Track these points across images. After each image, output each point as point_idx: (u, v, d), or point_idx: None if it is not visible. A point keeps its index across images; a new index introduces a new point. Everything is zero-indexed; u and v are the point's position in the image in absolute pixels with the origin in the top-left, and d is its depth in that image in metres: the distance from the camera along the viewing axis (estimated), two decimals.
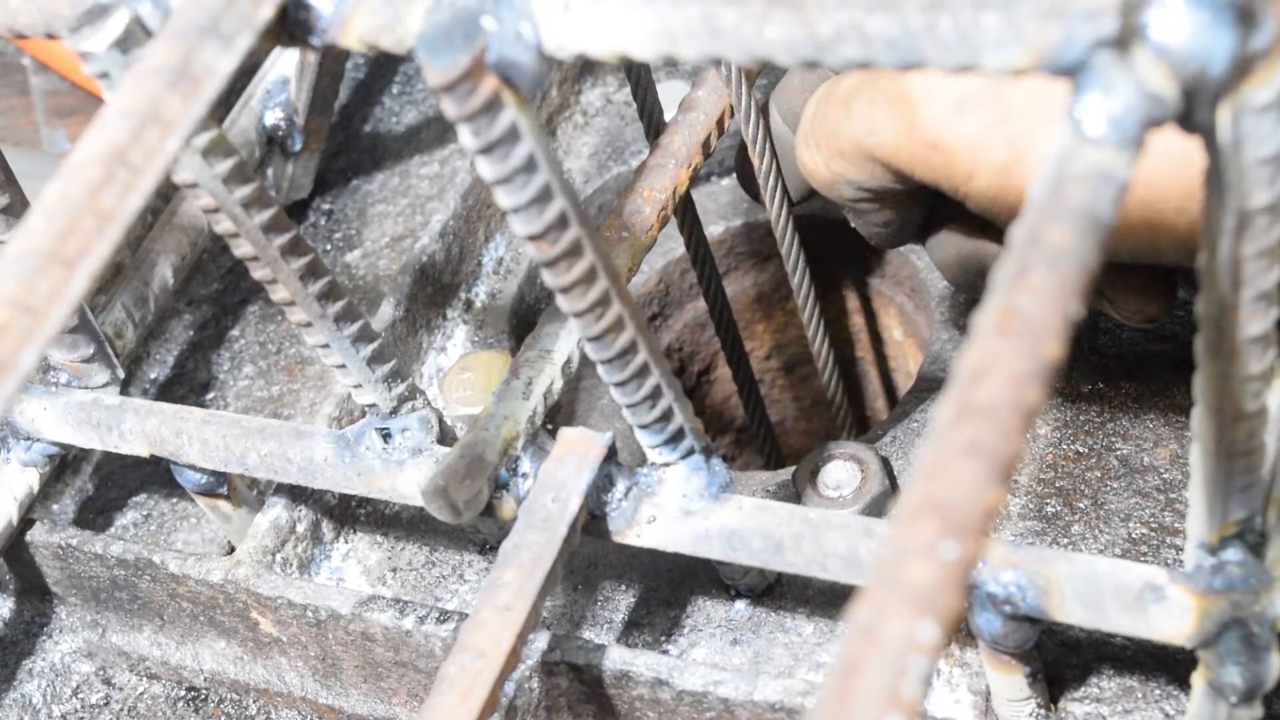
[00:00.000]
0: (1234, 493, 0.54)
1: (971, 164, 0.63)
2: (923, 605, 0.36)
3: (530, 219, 0.51)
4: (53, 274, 0.42)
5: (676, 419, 0.61)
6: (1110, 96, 0.40)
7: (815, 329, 0.86)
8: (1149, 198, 0.60)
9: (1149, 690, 0.67)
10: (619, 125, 0.97)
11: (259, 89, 0.91)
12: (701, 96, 0.77)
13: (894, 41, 0.42)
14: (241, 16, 0.48)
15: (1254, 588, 0.56)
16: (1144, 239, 0.62)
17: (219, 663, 0.77)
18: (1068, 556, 0.58)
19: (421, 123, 0.97)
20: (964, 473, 0.37)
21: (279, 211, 0.60)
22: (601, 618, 0.75)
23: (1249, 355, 0.49)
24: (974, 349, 0.38)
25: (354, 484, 0.70)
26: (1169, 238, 0.62)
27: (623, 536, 0.64)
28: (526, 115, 0.48)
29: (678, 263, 0.98)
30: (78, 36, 0.52)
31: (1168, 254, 0.63)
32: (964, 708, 0.68)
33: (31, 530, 0.77)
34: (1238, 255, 0.46)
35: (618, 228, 0.73)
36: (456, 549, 0.79)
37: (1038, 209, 0.40)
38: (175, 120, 0.45)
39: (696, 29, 0.45)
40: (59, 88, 1.14)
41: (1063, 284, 0.39)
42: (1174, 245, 0.62)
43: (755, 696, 0.64)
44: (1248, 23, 0.40)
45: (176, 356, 0.90)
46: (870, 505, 0.74)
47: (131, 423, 0.72)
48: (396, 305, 0.84)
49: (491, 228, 0.91)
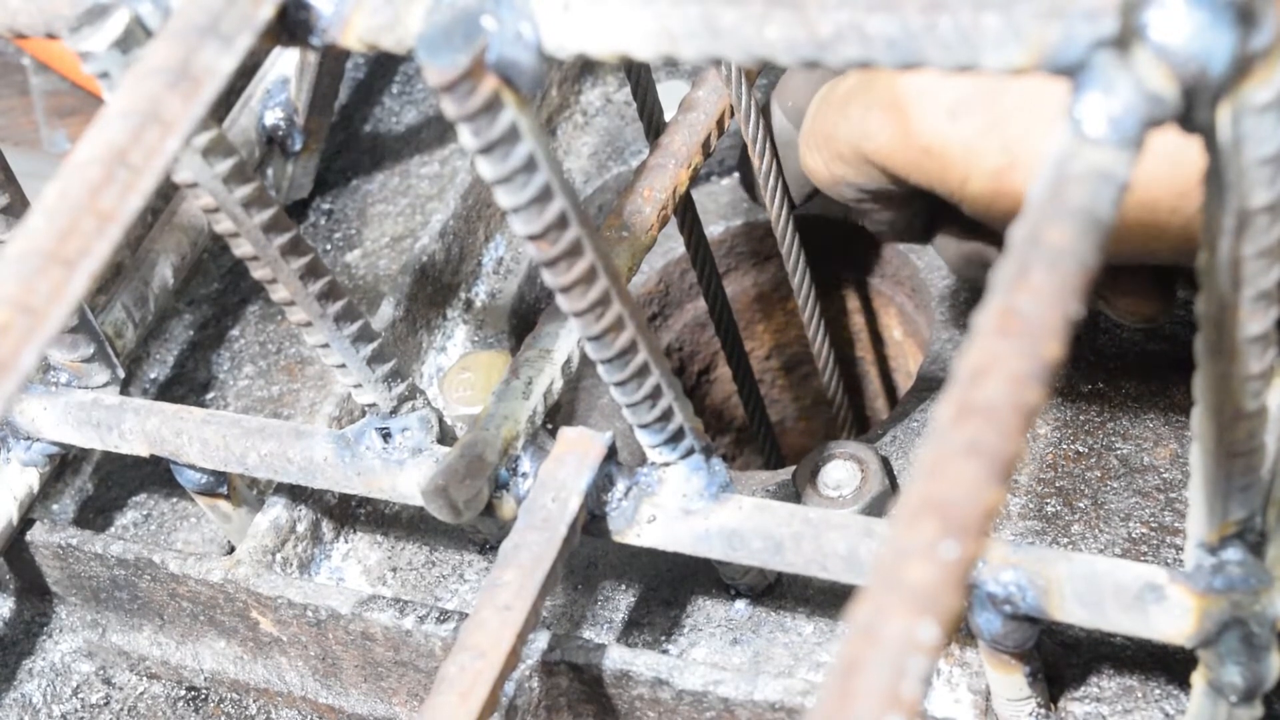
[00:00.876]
0: (1234, 492, 0.54)
1: (965, 169, 0.63)
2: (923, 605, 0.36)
3: (530, 219, 0.51)
4: (53, 274, 0.42)
5: (676, 419, 0.61)
6: (1110, 96, 0.40)
7: (815, 329, 0.86)
8: (1142, 199, 0.60)
9: (1149, 690, 0.67)
10: (619, 125, 0.97)
11: (259, 89, 0.91)
12: (701, 96, 0.77)
13: (894, 41, 0.42)
14: (241, 16, 0.48)
15: (1254, 587, 0.56)
16: (1137, 240, 0.62)
17: (219, 662, 0.77)
18: (1068, 556, 0.58)
19: (421, 123, 0.97)
20: (964, 473, 0.37)
21: (279, 211, 0.60)
22: (601, 617, 0.75)
23: (1249, 355, 0.49)
24: (974, 349, 0.38)
25: (354, 484, 0.70)
26: (1162, 239, 0.62)
27: (623, 536, 0.64)
28: (526, 115, 0.48)
29: (678, 263, 0.98)
30: (78, 36, 0.52)
31: (1161, 255, 0.63)
32: (964, 707, 0.68)
33: (31, 530, 0.77)
34: (1238, 255, 0.46)
35: (618, 228, 0.73)
36: (456, 549, 0.79)
37: (1038, 209, 0.40)
38: (175, 120, 0.45)
39: (696, 29, 0.45)
40: (59, 88, 1.14)
41: (1063, 284, 0.39)
42: (1167, 246, 0.62)
43: (755, 696, 0.64)
44: (1248, 23, 0.40)
45: (176, 356, 0.90)
46: (870, 505, 0.74)
47: (131, 422, 0.72)
48: (396, 305, 0.84)
49: (491, 228, 0.91)
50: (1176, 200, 0.60)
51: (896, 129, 0.64)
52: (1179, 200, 0.60)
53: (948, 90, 0.63)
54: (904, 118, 0.64)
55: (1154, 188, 0.60)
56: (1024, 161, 0.62)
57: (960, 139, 0.63)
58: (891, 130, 0.64)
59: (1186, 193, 0.60)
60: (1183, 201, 0.60)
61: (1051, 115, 0.44)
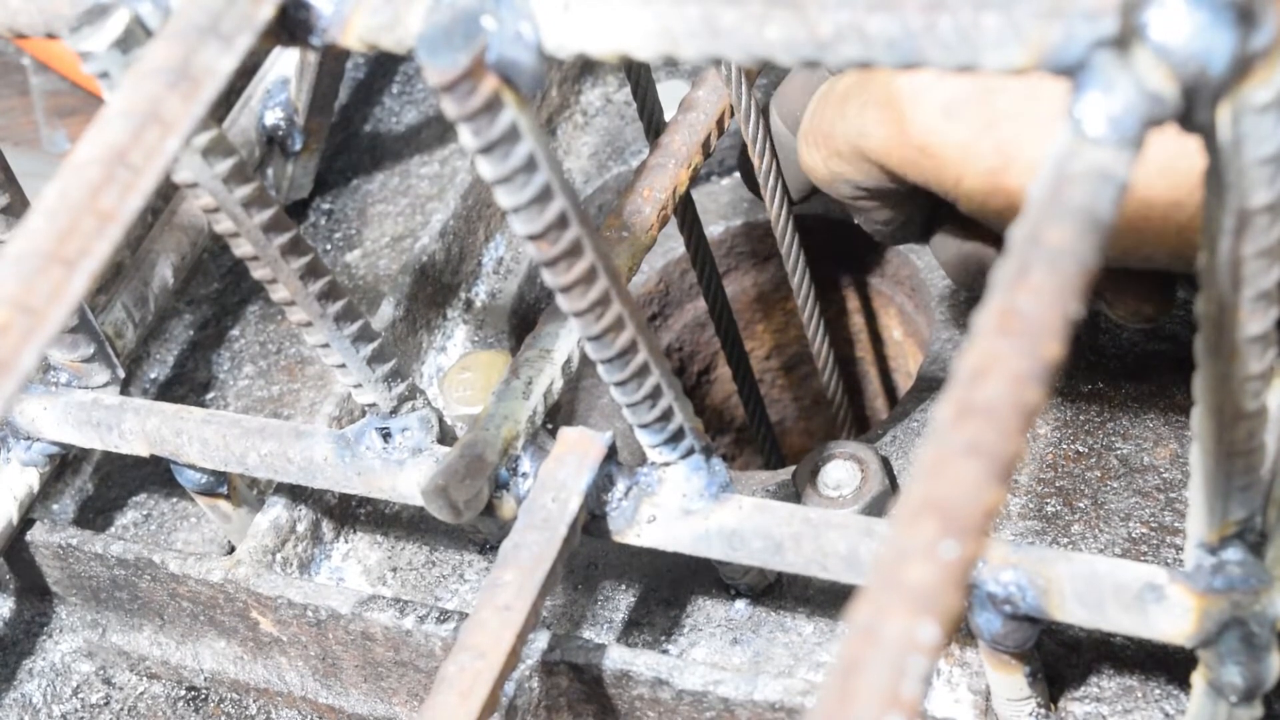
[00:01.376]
0: (1234, 492, 0.54)
1: (960, 168, 0.63)
2: (923, 605, 0.36)
3: (530, 219, 0.51)
4: (53, 274, 0.42)
5: (676, 419, 0.61)
6: (1110, 96, 0.40)
7: (815, 329, 0.86)
8: (1136, 202, 0.60)
9: (1149, 690, 0.67)
10: (619, 125, 0.97)
11: (259, 89, 0.91)
12: (701, 96, 0.77)
13: (894, 41, 0.42)
14: (241, 16, 0.48)
15: (1254, 587, 0.56)
16: (1131, 243, 0.62)
17: (219, 662, 0.77)
18: (1068, 556, 0.58)
19: (421, 123, 0.97)
20: (964, 473, 0.37)
21: (279, 211, 0.60)
22: (601, 617, 0.75)
23: (1249, 355, 0.49)
24: (974, 349, 0.38)
25: (354, 484, 0.70)
26: (1157, 242, 0.62)
27: (623, 536, 0.64)
28: (526, 115, 0.48)
29: (678, 263, 0.98)
30: (78, 36, 0.52)
31: (1157, 259, 0.63)
32: (964, 707, 0.68)
33: (31, 530, 0.77)
34: (1238, 255, 0.46)
35: (618, 228, 0.73)
36: (456, 549, 0.79)
37: (1037, 209, 0.40)
38: (175, 120, 0.45)
39: (696, 29, 0.45)
40: (59, 88, 1.14)
41: (1063, 284, 0.39)
42: (1163, 250, 0.62)
43: (755, 696, 0.64)
44: (1248, 22, 0.40)
45: (176, 356, 0.90)
46: (870, 505, 0.74)
47: (131, 422, 0.72)
48: (396, 305, 0.84)
49: (491, 228, 0.91)
50: (1169, 207, 0.60)
51: (893, 127, 0.64)
52: (1171, 206, 0.60)
53: (943, 89, 0.63)
54: (900, 116, 0.64)
55: (1148, 192, 0.60)
56: (1018, 162, 0.62)
57: (955, 138, 0.63)
58: (888, 128, 0.65)
59: (1179, 199, 0.60)
60: (1175, 208, 0.60)
61: (1046, 118, 0.43)
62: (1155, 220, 0.61)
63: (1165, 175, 0.58)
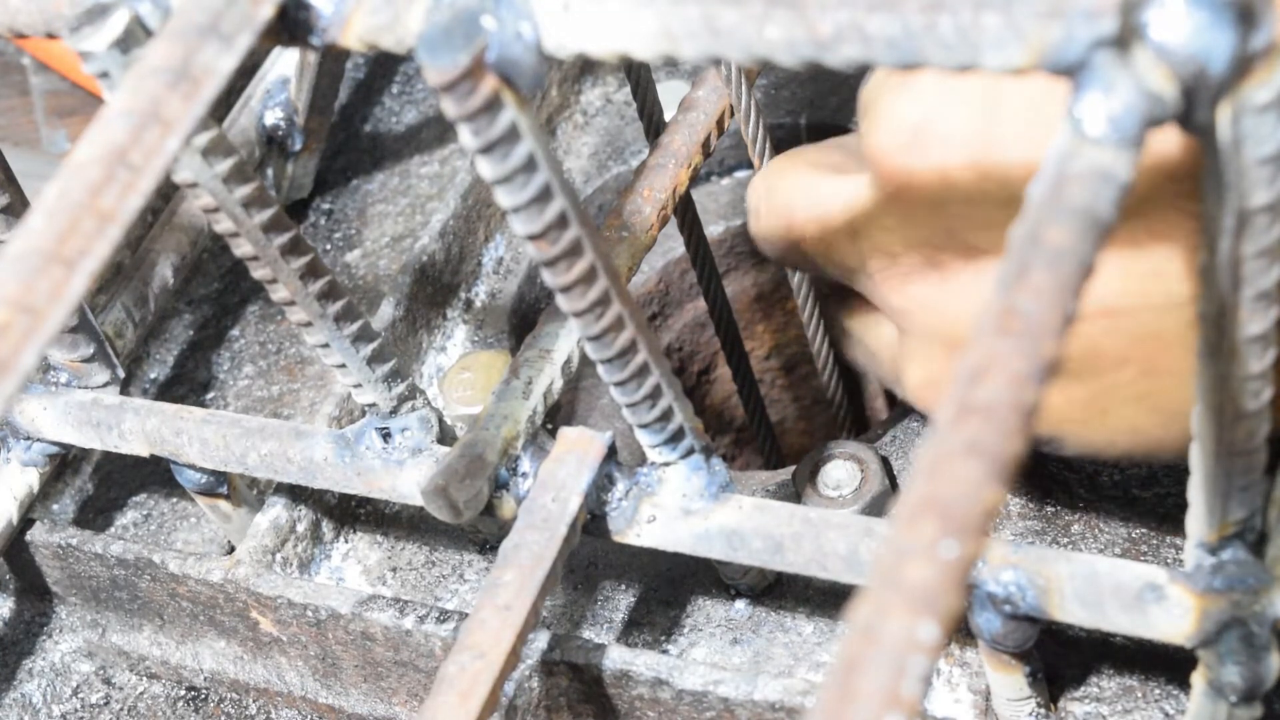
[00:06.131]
0: (1234, 492, 0.54)
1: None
2: (923, 605, 0.36)
3: (530, 219, 0.51)
4: (53, 274, 0.42)
5: (676, 419, 0.61)
6: (1110, 96, 0.40)
7: (815, 329, 0.86)
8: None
9: (1149, 690, 0.67)
10: (619, 125, 0.97)
11: (259, 89, 0.91)
12: (701, 96, 0.77)
13: (894, 41, 0.42)
14: (241, 16, 0.48)
15: (1254, 587, 0.56)
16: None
17: (219, 662, 0.77)
18: (1068, 556, 0.58)
19: (421, 123, 0.97)
20: (964, 473, 0.37)
21: (279, 211, 0.60)
22: (601, 617, 0.75)
23: (1249, 355, 0.49)
24: (974, 349, 0.38)
25: (354, 484, 0.70)
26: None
27: (623, 536, 0.64)
28: (526, 115, 0.48)
29: (678, 263, 0.98)
30: (78, 36, 0.52)
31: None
32: (964, 707, 0.68)
33: (31, 530, 0.77)
34: (1238, 255, 0.46)
35: (618, 228, 0.73)
36: (456, 549, 0.79)
37: (1037, 209, 0.40)
38: (175, 120, 0.45)
39: (696, 29, 0.45)
40: (59, 88, 1.14)
41: (1063, 284, 0.39)
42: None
43: (755, 696, 0.64)
44: (1248, 22, 0.40)
45: (176, 356, 0.90)
46: (870, 505, 0.74)
47: (131, 422, 0.72)
48: (396, 305, 0.84)
49: (491, 228, 0.91)
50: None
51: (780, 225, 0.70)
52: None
53: (813, 206, 0.67)
54: (790, 225, 0.69)
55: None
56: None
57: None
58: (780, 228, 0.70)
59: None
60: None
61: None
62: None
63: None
